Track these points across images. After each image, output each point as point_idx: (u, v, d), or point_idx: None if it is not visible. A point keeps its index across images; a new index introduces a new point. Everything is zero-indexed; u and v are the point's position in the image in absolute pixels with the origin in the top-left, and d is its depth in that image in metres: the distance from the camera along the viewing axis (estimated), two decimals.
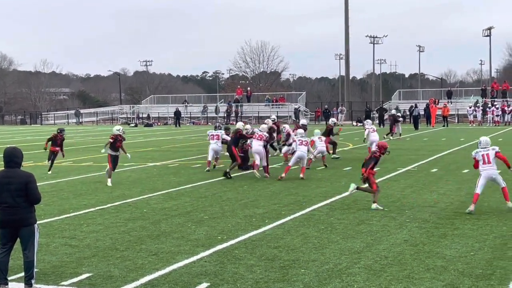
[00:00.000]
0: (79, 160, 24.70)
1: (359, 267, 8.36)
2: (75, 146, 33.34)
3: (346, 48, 70.07)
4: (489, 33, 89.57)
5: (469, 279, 7.73)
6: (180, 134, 45.10)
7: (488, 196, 13.84)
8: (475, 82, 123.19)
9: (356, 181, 16.73)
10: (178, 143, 35.24)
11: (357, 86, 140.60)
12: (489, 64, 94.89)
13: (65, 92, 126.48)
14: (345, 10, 68.89)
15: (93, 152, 29.06)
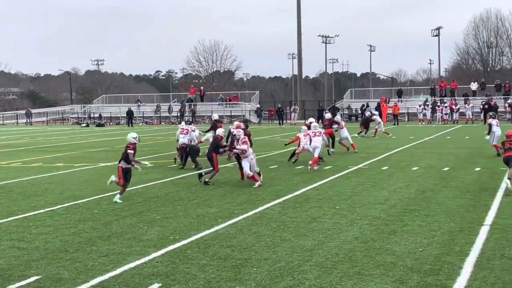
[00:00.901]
0: (29, 161, 24.22)
1: (310, 264, 8.43)
2: (25, 146, 32.69)
3: (299, 48, 70.54)
4: (438, 33, 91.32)
5: (418, 274, 7.87)
6: None
7: (436, 193, 14.15)
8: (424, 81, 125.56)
9: (309, 180, 16.93)
10: None
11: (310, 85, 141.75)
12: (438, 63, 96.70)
13: (14, 92, 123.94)
14: (297, 9, 69.34)
15: (43, 152, 28.55)
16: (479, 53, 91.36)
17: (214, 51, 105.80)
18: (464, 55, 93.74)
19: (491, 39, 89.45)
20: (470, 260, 8.42)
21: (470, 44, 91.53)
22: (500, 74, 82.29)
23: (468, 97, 57.58)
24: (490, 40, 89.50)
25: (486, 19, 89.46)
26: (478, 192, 14.22)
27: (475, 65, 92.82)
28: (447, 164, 19.98)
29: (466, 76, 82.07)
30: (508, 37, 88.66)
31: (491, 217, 11.27)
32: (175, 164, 21.11)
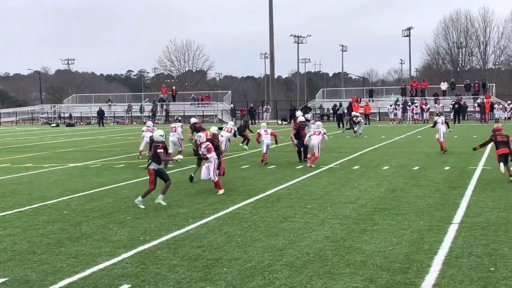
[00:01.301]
0: None
1: (281, 264, 8.43)
2: None
3: (271, 48, 70.64)
4: (408, 33, 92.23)
5: (387, 273, 7.92)
6: (103, 134, 44.30)
7: (406, 192, 14.27)
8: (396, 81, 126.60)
9: (280, 180, 16.94)
10: (101, 143, 34.61)
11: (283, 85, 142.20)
12: (409, 63, 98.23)
13: None
14: (269, 9, 69.42)
15: (12, 153, 28.17)
16: (449, 53, 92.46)
17: (186, 51, 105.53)
18: (434, 55, 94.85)
19: (460, 39, 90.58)
20: (439, 258, 8.50)
21: (440, 44, 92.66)
22: (470, 74, 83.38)
23: (438, 97, 58.31)
24: (459, 40, 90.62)
25: (456, 19, 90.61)
26: (447, 190, 14.38)
27: (445, 65, 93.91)
28: (417, 163, 20.17)
29: (437, 76, 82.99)
30: (478, 37, 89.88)
31: (460, 216, 11.40)
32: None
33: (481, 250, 8.87)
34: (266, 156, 21.13)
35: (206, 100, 67.60)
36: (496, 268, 7.97)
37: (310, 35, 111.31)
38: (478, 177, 16.49)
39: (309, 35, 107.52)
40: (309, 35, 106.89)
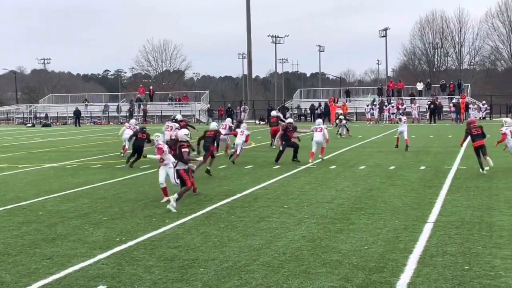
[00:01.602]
0: None
1: (257, 264, 8.44)
2: None
3: (249, 48, 70.64)
4: (385, 34, 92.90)
5: (363, 272, 7.97)
6: (80, 134, 43.97)
7: (382, 191, 14.37)
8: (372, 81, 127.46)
9: (258, 179, 16.96)
10: (78, 143, 34.35)
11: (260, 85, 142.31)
12: (386, 64, 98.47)
13: None
14: (247, 9, 69.43)
15: None
16: (425, 53, 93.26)
17: (164, 51, 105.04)
18: (410, 55, 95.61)
19: (436, 40, 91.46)
20: (414, 257, 8.57)
21: (416, 45, 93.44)
22: (445, 74, 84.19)
23: (414, 97, 58.77)
24: (435, 41, 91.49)
25: (432, 20, 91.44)
26: (423, 190, 14.51)
27: (421, 65, 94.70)
28: (393, 162, 20.32)
29: (413, 76, 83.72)
30: (453, 38, 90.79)
31: (435, 215, 11.50)
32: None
33: (455, 249, 8.96)
34: (239, 156, 21.07)
35: (183, 100, 67.43)
36: (470, 267, 8.06)
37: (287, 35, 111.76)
38: (453, 176, 16.66)
39: (287, 35, 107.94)
40: (286, 35, 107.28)
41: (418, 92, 61.10)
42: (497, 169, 17.67)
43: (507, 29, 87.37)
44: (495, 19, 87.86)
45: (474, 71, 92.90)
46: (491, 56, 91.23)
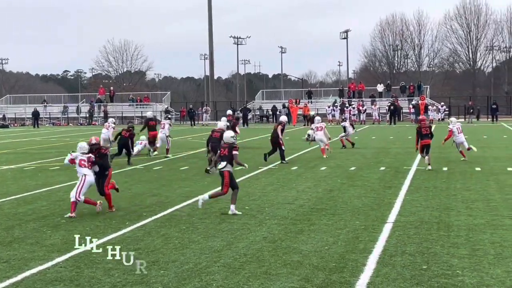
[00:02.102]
0: None
1: (218, 265, 8.42)
2: None
3: (210, 49, 70.54)
4: (346, 35, 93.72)
5: (323, 272, 8.02)
6: (38, 136, 43.26)
7: (342, 192, 14.48)
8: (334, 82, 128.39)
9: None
10: (36, 144, 33.78)
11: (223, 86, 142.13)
12: (347, 65, 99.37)
13: None
14: (208, 10, 69.31)
15: None
16: (385, 55, 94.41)
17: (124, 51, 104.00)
18: (371, 57, 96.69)
19: (396, 42, 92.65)
20: (373, 257, 8.66)
21: (376, 47, 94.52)
22: (405, 76, 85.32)
23: (375, 98, 59.44)
24: (395, 43, 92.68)
25: (392, 22, 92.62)
26: (383, 190, 14.67)
27: (381, 67, 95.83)
28: (354, 163, 20.51)
29: (373, 78, 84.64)
30: (412, 40, 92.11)
31: (394, 215, 11.65)
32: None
33: (414, 248, 9.08)
34: None
35: (144, 101, 66.90)
36: (428, 266, 8.18)
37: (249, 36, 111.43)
38: (412, 177, 16.89)
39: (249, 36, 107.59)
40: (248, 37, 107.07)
41: (378, 94, 61.78)
42: (455, 170, 18.00)
43: (465, 31, 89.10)
44: (453, 21, 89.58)
45: (433, 73, 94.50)
46: (450, 58, 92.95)
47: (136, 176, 18.37)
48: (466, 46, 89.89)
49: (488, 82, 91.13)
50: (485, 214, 11.60)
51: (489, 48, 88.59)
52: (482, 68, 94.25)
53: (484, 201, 12.97)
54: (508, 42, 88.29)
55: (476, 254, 8.71)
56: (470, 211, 11.92)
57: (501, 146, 26.92)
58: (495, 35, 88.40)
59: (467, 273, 7.87)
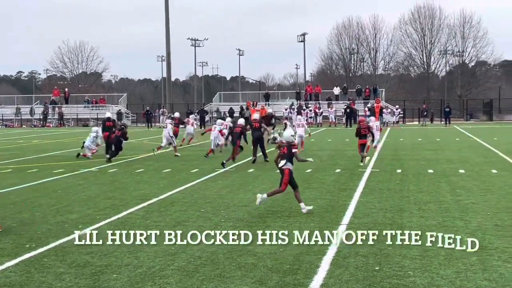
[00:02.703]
0: None
1: (172, 269, 8.36)
2: None
3: (167, 50, 70.12)
4: (303, 39, 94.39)
5: (277, 274, 8.04)
6: None
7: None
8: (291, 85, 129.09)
9: (175, 183, 16.81)
10: None
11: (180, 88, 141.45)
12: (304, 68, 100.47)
13: None
14: (165, 11, 68.91)
15: None
16: (341, 59, 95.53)
17: (80, 52, 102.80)
18: (328, 60, 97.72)
19: (352, 45, 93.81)
20: (327, 259, 8.72)
21: (333, 50, 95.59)
22: (361, 79, 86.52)
23: (331, 101, 59.98)
24: (351, 46, 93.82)
25: (348, 26, 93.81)
26: (338, 192, 14.80)
27: (338, 70, 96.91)
28: (310, 166, 20.57)
29: (330, 81, 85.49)
30: (368, 44, 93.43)
31: (348, 217, 11.76)
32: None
33: (367, 250, 9.17)
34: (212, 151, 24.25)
35: (100, 102, 66.17)
36: (381, 267, 8.27)
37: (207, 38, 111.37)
38: (366, 179, 17.08)
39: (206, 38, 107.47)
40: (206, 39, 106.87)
41: (335, 97, 62.39)
42: (408, 172, 18.28)
43: (419, 35, 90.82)
44: (408, 26, 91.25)
45: (389, 76, 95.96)
46: (405, 62, 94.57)
47: (91, 178, 18.13)
48: (420, 50, 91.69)
49: (442, 85, 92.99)
50: (437, 215, 11.81)
51: (443, 52, 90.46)
52: (436, 72, 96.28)
53: (436, 202, 13.20)
54: (461, 47, 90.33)
55: (427, 255, 8.85)
56: (423, 212, 12.11)
57: (453, 148, 27.44)
58: (449, 39, 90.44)
59: (418, 273, 7.99)
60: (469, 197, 13.85)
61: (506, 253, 8.90)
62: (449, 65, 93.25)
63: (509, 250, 9.02)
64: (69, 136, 42.59)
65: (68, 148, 30.96)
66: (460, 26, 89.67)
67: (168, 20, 69.12)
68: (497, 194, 14.20)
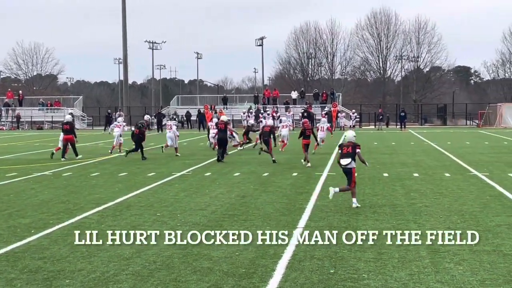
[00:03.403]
0: None
1: (126, 273, 8.26)
2: None
3: (124, 52, 69.48)
4: (261, 43, 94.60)
5: (233, 278, 8.02)
6: None
7: (255, 198, 14.56)
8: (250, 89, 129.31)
9: (131, 187, 16.64)
10: None
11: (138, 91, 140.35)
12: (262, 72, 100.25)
13: None
14: (122, 13, 68.28)
15: None
16: (299, 63, 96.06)
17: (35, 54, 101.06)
18: (286, 64, 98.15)
19: (310, 50, 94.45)
20: (283, 262, 8.74)
21: (291, 54, 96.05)
22: (319, 83, 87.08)
23: (289, 105, 60.28)
24: (309, 51, 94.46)
25: (306, 31, 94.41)
26: (294, 196, 14.85)
27: (296, 74, 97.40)
28: (267, 169, 20.68)
29: (288, 85, 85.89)
30: (326, 49, 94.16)
31: (305, 220, 11.81)
32: None
33: (322, 253, 9.23)
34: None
35: (55, 105, 65.18)
36: (336, 270, 8.33)
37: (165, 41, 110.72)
38: (323, 182, 17.20)
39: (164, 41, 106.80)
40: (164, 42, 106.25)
41: (292, 101, 62.73)
42: (364, 176, 18.44)
43: (375, 41, 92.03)
44: (364, 31, 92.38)
45: (346, 80, 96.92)
46: (361, 66, 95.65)
47: (44, 182, 17.81)
48: (376, 55, 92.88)
49: (397, 90, 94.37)
50: (391, 218, 11.96)
51: (398, 57, 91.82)
52: (392, 77, 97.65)
53: (390, 206, 13.37)
54: (416, 52, 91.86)
55: (382, 257, 8.95)
56: (377, 215, 12.25)
57: (408, 152, 27.87)
58: (404, 45, 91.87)
59: (372, 276, 8.07)
60: (423, 200, 14.08)
61: (458, 255, 9.06)
62: (404, 70, 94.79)
63: (461, 253, 9.19)
64: (23, 139, 41.80)
65: (21, 151, 30.40)
66: (415, 32, 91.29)
67: (125, 22, 68.51)
68: (450, 197, 14.46)
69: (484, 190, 15.47)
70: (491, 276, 8.08)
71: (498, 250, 9.33)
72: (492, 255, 9.08)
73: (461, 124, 67.61)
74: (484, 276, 8.05)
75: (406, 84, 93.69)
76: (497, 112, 60.32)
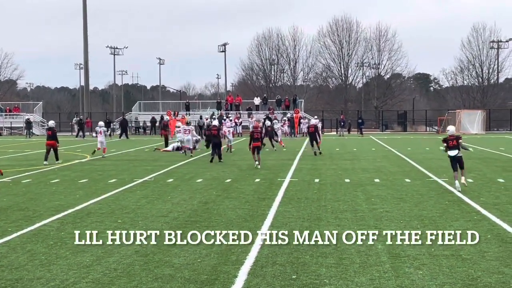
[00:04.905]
0: None
1: (86, 281, 8.15)
2: None
3: (85, 57, 68.75)
4: (224, 49, 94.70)
5: (195, 285, 7.98)
6: None
7: (217, 204, 14.51)
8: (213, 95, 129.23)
9: (92, 194, 16.43)
10: None
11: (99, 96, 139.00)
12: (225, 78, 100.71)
13: None
14: (83, 18, 67.57)
15: None
16: (262, 69, 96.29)
17: None
18: (248, 71, 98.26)
19: (273, 56, 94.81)
20: (245, 268, 8.73)
21: (254, 60, 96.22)
22: (281, 90, 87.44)
23: (252, 111, 60.38)
24: (272, 57, 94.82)
25: (268, 37, 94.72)
26: (257, 202, 14.86)
27: (258, 80, 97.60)
28: (230, 175, 20.66)
29: (251, 91, 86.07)
30: (288, 55, 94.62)
31: (267, 226, 11.82)
32: None
33: (284, 259, 9.24)
34: None
35: (14, 111, 64.11)
36: (298, 276, 8.35)
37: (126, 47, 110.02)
38: (285, 188, 17.24)
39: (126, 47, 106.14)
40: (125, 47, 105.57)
41: (255, 107, 62.85)
42: (326, 182, 18.59)
43: (337, 48, 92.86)
44: (326, 38, 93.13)
45: (308, 87, 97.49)
46: (323, 73, 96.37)
47: (3, 189, 17.48)
48: (338, 62, 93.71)
49: (359, 97, 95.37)
50: (353, 224, 12.05)
51: (360, 64, 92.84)
52: (354, 83, 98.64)
53: (352, 211, 13.47)
54: (377, 59, 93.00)
55: (343, 263, 9.01)
56: (339, 221, 12.33)
57: (369, 158, 28.16)
58: (365, 52, 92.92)
59: (333, 281, 8.12)
60: (384, 205, 14.23)
61: (417, 260, 9.17)
62: (365, 77, 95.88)
63: (421, 258, 9.31)
64: None
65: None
66: (376, 39, 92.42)
67: (86, 27, 67.82)
68: (410, 202, 14.64)
69: (443, 196, 15.71)
70: (450, 280, 8.21)
71: (457, 255, 9.48)
72: (451, 259, 9.23)
73: (421, 130, 68.66)
74: (443, 280, 8.17)
75: (367, 91, 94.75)
76: (455, 118, 61.43)
